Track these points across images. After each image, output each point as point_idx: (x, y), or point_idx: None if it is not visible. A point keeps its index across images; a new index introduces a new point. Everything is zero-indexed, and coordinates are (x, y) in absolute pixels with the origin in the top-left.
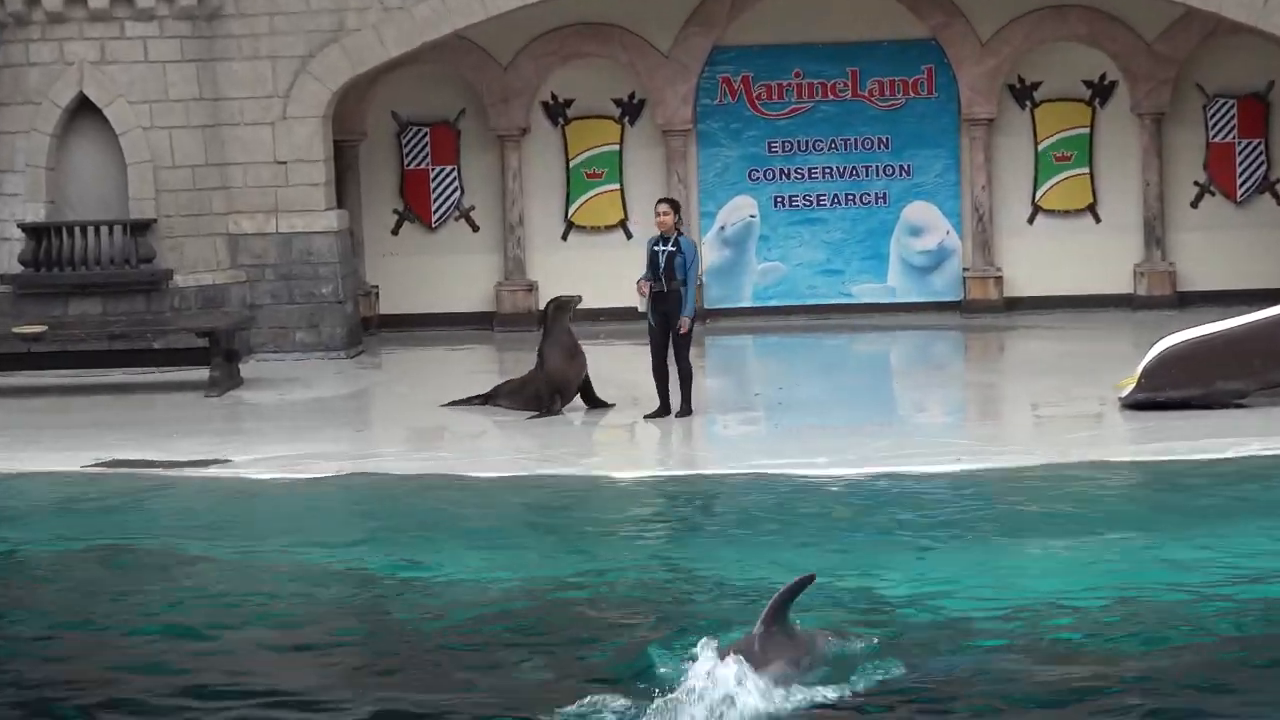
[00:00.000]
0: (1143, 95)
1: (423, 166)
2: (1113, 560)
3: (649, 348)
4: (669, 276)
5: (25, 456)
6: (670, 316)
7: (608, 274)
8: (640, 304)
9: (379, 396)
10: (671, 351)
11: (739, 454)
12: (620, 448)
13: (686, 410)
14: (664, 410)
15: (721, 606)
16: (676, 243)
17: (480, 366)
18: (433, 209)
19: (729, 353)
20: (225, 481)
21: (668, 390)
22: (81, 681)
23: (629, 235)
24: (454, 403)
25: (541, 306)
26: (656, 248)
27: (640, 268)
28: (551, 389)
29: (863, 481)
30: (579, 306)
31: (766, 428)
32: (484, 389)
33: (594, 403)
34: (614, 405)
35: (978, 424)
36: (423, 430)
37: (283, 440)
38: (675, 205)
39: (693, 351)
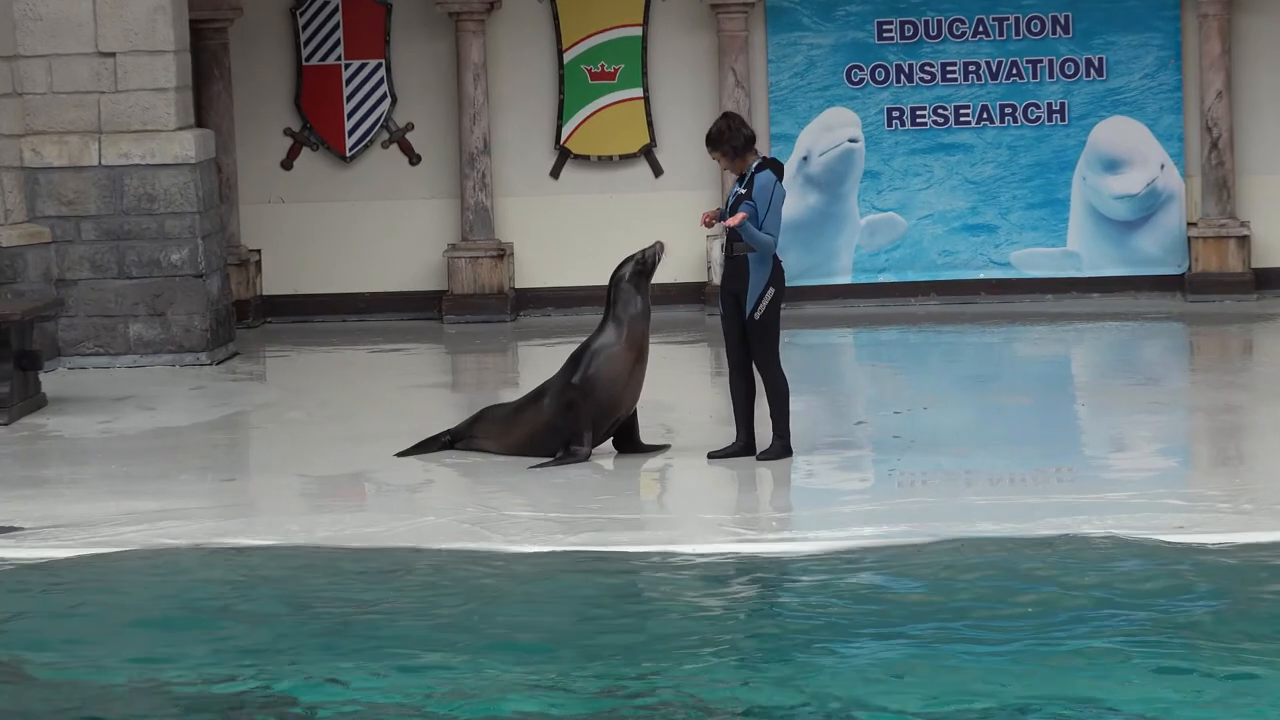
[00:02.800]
0: None
1: (332, 62)
2: None
3: (724, 349)
4: (734, 230)
5: None
6: (742, 298)
7: (625, 233)
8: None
9: (261, 426)
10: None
11: (835, 518)
12: (653, 507)
13: (781, 447)
14: (743, 446)
15: None
16: (750, 181)
17: (423, 377)
18: (347, 129)
19: (816, 356)
20: (10, 565)
21: (750, 416)
22: None
23: (658, 171)
24: (413, 450)
25: (515, 283)
26: (736, 189)
27: (679, 217)
28: (588, 411)
29: (1030, 561)
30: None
31: (877, 476)
32: (446, 420)
33: (635, 445)
34: (667, 447)
35: (1212, 472)
36: (331, 480)
37: (106, 496)
38: (718, 136)
39: None
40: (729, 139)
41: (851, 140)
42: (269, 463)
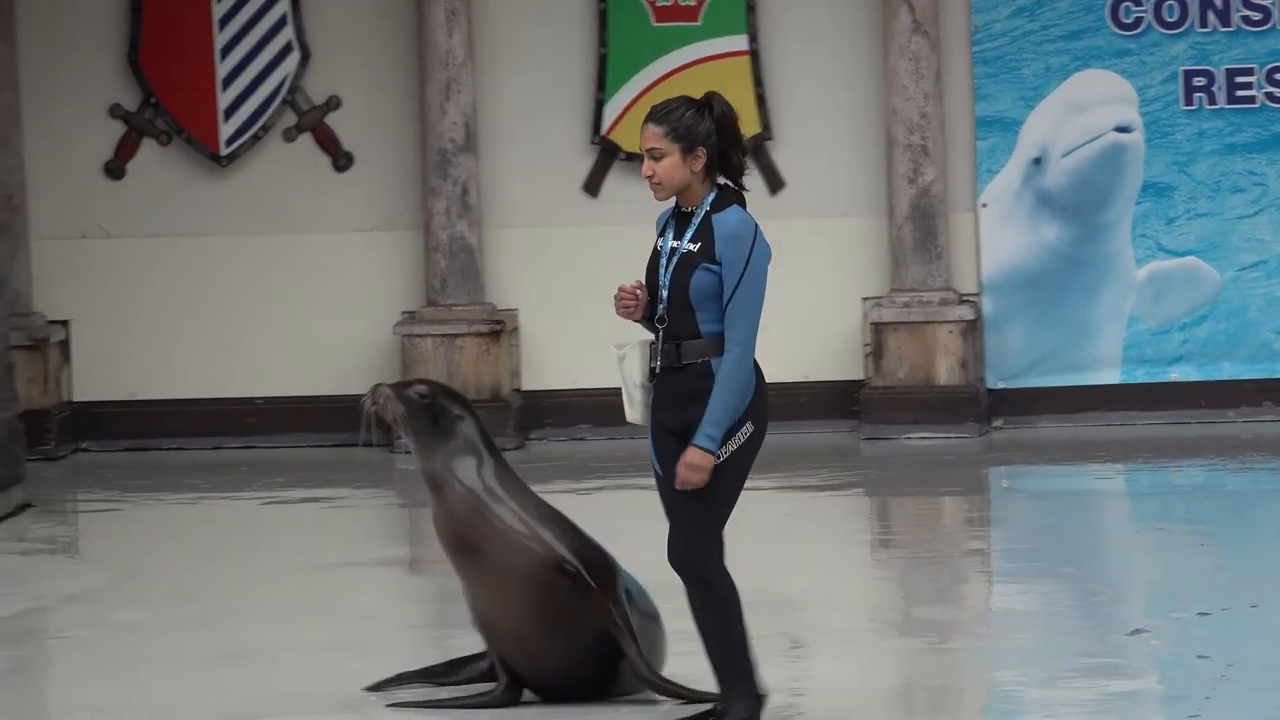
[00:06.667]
0: None
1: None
2: None
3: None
4: (682, 318)
5: None
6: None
7: None
8: (629, 390)
9: (72, 634)
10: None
11: None
12: None
13: (744, 710)
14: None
15: None
16: (705, 227)
17: (361, 549)
18: (223, 108)
19: (1056, 513)
20: None
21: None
22: None
23: (776, 183)
24: (401, 680)
25: (522, 382)
26: (662, 238)
27: (816, 262)
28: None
29: None
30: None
31: None
32: (406, 623)
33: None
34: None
35: None
36: None
37: None
38: (689, 119)
39: (957, 509)
40: (711, 135)
41: (1121, 129)
42: (86, 701)
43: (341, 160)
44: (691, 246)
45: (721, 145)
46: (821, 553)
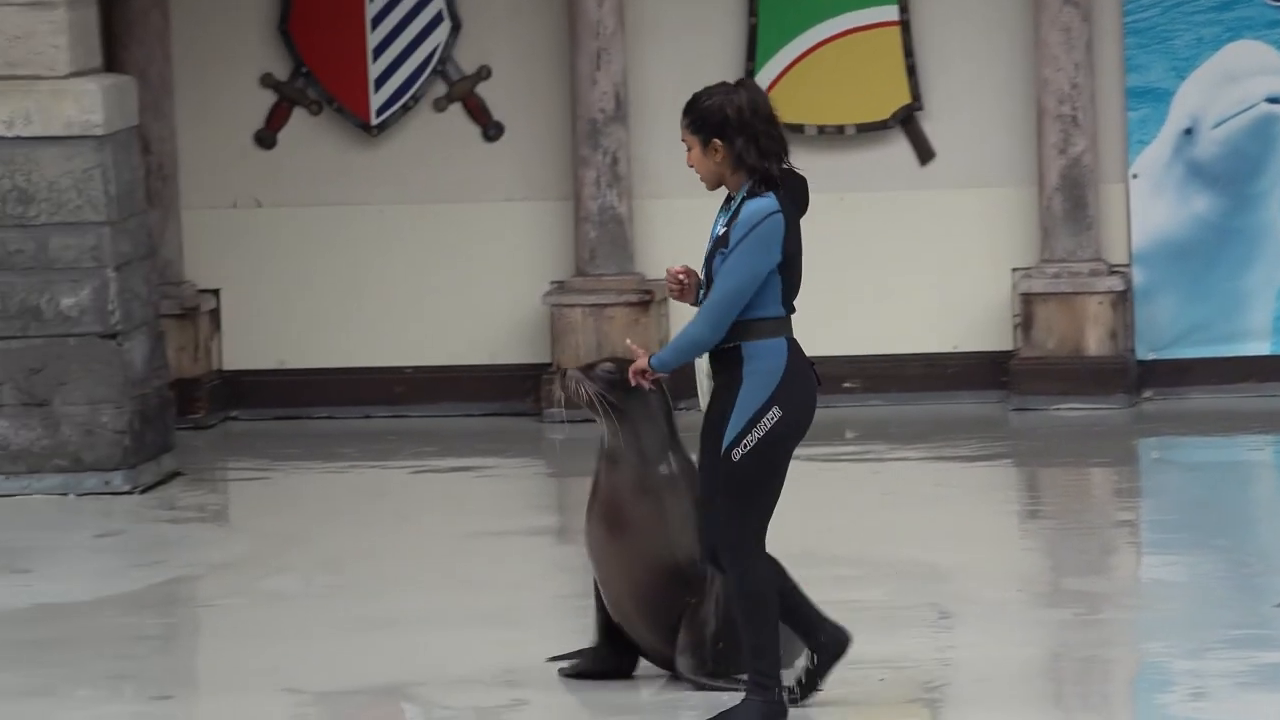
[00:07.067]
0: None
1: None
2: None
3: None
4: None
5: None
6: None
7: (866, 261)
8: (700, 379)
9: (221, 602)
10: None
11: None
12: None
13: (758, 709)
14: (831, 641)
15: None
16: (736, 213)
17: (510, 518)
18: (373, 77)
19: (1208, 483)
20: None
21: (809, 605)
22: None
23: (926, 154)
24: (566, 658)
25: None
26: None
27: (966, 233)
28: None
29: None
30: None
31: None
32: (553, 592)
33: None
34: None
35: None
36: (347, 702)
37: None
38: (705, 110)
39: (1106, 480)
40: (725, 125)
41: (1273, 100)
42: (235, 669)
43: (491, 130)
44: (722, 229)
45: (730, 134)
46: (970, 523)
